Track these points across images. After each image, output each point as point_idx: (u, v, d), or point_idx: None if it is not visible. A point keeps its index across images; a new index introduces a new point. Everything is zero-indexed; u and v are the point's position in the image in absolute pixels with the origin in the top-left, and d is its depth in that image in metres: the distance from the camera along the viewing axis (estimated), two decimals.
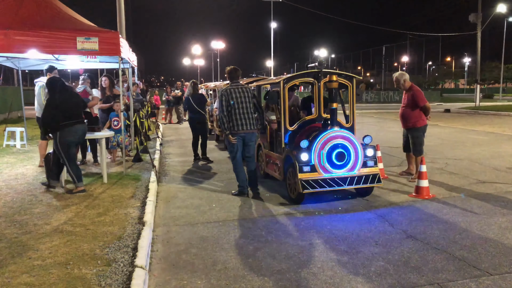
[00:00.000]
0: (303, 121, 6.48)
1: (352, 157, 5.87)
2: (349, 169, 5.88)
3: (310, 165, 5.78)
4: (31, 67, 10.89)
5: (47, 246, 4.11)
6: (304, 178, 5.69)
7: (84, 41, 6.66)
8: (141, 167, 8.26)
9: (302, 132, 6.36)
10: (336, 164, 5.83)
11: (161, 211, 5.75)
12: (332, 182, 5.79)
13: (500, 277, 3.64)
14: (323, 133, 5.84)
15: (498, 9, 33.03)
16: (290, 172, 6.00)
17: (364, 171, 5.95)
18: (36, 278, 3.44)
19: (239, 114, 6.35)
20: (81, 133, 6.36)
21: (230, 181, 7.49)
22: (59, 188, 6.37)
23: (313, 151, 5.78)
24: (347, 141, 5.87)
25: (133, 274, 3.48)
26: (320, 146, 5.79)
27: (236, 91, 6.39)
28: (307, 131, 6.32)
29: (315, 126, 6.34)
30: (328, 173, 5.82)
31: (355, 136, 6.05)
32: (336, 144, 5.82)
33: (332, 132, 5.86)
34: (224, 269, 3.89)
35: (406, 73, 7.62)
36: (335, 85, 5.93)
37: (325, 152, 5.78)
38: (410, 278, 3.66)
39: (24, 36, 6.50)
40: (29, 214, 5.12)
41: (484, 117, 21.55)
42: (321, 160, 5.80)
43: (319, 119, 6.38)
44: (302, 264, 3.97)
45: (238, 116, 6.34)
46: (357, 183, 5.87)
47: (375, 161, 6.10)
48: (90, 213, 5.19)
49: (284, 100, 6.28)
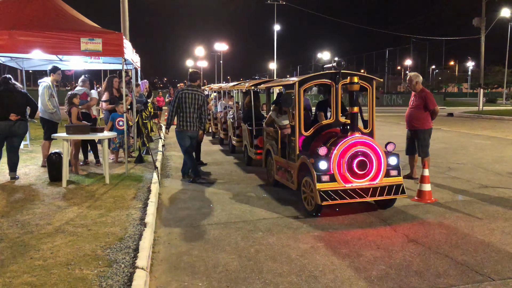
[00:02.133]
0: (319, 126, 6.08)
1: (375, 166, 5.41)
2: (371, 179, 5.41)
3: (329, 175, 5.31)
4: (34, 68, 10.93)
5: (48, 246, 4.11)
6: (323, 188, 5.24)
7: (88, 42, 6.69)
8: (143, 168, 8.27)
9: (319, 138, 5.95)
10: (357, 174, 5.34)
11: (162, 212, 5.75)
12: (353, 193, 5.33)
13: (503, 282, 3.62)
14: (344, 140, 5.37)
15: (502, 14, 32.97)
16: (306, 182, 5.58)
17: (387, 181, 5.50)
18: (37, 278, 3.44)
19: (188, 115, 7.45)
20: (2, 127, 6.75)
21: (232, 184, 7.49)
22: None
23: (333, 159, 5.32)
24: (369, 148, 5.42)
25: (134, 275, 3.48)
26: (340, 153, 5.33)
27: (190, 95, 7.45)
28: (324, 137, 5.92)
29: (332, 132, 5.96)
30: (349, 183, 5.35)
31: (377, 143, 5.55)
32: (357, 151, 5.36)
33: (353, 139, 5.39)
34: (225, 271, 3.88)
35: (420, 75, 7.58)
36: (356, 88, 5.49)
37: (345, 160, 5.33)
38: (411, 282, 3.64)
39: (28, 36, 6.53)
40: (31, 214, 5.13)
41: (487, 122, 21.50)
42: (341, 169, 5.33)
43: (337, 124, 6.01)
44: (303, 267, 3.96)
45: (188, 118, 7.45)
46: (380, 194, 5.41)
47: (399, 170, 5.62)
48: (91, 213, 5.20)
49: (299, 103, 5.91)
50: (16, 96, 6.89)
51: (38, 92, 7.98)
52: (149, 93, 12.52)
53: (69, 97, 7.47)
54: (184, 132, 7.55)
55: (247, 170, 8.76)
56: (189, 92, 7.47)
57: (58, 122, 8.12)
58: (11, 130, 6.79)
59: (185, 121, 7.49)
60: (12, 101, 6.80)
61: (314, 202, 5.34)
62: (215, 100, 15.07)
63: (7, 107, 6.74)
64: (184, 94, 7.47)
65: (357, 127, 5.58)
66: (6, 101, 6.75)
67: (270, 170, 7.26)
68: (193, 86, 7.58)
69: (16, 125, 6.80)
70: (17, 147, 7.02)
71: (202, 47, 72.78)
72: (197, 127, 7.59)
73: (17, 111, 6.81)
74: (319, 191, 5.22)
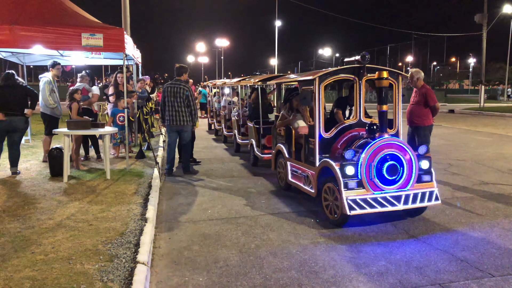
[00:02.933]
0: (341, 126, 5.55)
1: (406, 171, 4.90)
2: (401, 185, 4.90)
3: (356, 181, 4.81)
4: (36, 63, 10.92)
5: (50, 241, 4.13)
6: (351, 196, 4.72)
7: (89, 37, 6.68)
8: (144, 163, 8.28)
9: (341, 139, 5.45)
10: (387, 179, 4.83)
11: (163, 207, 5.76)
12: (384, 201, 4.80)
13: (503, 278, 3.63)
14: (373, 142, 4.85)
15: (504, 10, 32.85)
16: (329, 188, 5.04)
17: (418, 187, 5.00)
18: (38, 273, 3.45)
19: (172, 109, 7.47)
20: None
21: (233, 179, 7.50)
22: None
23: (361, 164, 4.80)
24: (400, 151, 4.90)
25: (135, 270, 3.49)
26: (369, 157, 4.81)
27: (173, 89, 7.45)
28: (347, 138, 5.42)
29: (356, 133, 5.45)
30: (378, 190, 4.83)
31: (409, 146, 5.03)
32: (387, 154, 4.84)
33: (383, 140, 4.86)
34: (225, 266, 3.90)
35: (421, 71, 7.56)
36: (385, 84, 5.01)
37: (374, 165, 4.81)
38: (411, 278, 3.65)
39: (29, 31, 6.52)
40: (33, 209, 5.14)
41: (488, 118, 21.47)
42: (369, 174, 4.81)
43: (360, 124, 5.51)
44: (304, 262, 3.97)
45: (172, 112, 7.47)
46: (412, 201, 4.91)
47: (432, 175, 5.13)
48: (93, 208, 5.21)
49: (320, 101, 5.38)
50: (17, 92, 6.90)
51: (39, 87, 7.98)
52: (152, 88, 12.53)
53: (71, 92, 7.48)
54: (169, 126, 7.62)
55: (251, 169, 8.76)
56: (172, 86, 7.52)
57: (59, 117, 8.12)
58: (12, 125, 6.80)
59: (169, 116, 7.53)
60: (14, 97, 6.82)
61: (340, 212, 4.81)
62: (218, 96, 14.57)
63: (8, 103, 6.75)
64: (167, 88, 7.55)
65: (386, 127, 5.07)
66: (8, 97, 6.76)
67: (281, 173, 6.71)
68: (178, 80, 7.58)
69: (17, 120, 6.81)
70: (18, 142, 7.03)
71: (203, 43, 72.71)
72: (184, 122, 7.53)
73: (18, 107, 6.82)
74: (347, 199, 4.69)
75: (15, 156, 7.01)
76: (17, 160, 7.05)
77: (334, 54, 76.35)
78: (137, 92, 9.91)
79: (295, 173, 6.15)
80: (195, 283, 3.58)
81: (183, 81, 7.63)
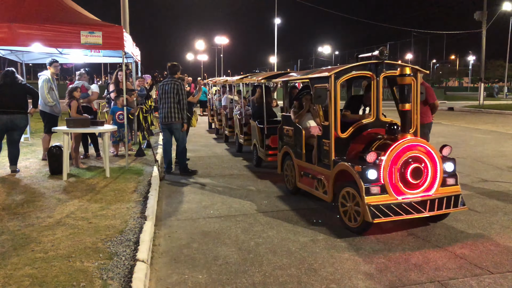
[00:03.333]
0: (358, 126, 5.20)
1: (430, 174, 4.61)
2: (425, 189, 4.61)
3: (379, 185, 4.47)
4: (34, 61, 10.91)
5: (49, 239, 4.13)
6: (374, 202, 4.39)
7: (88, 35, 6.66)
8: (144, 161, 8.28)
9: (358, 140, 5.11)
10: (410, 183, 4.53)
11: (163, 205, 5.77)
12: (409, 207, 4.49)
13: (501, 275, 3.64)
14: (396, 143, 4.52)
15: (504, 7, 32.83)
16: (348, 194, 4.68)
17: (443, 191, 4.70)
18: (38, 271, 3.46)
19: (164, 106, 7.49)
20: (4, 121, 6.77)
21: (232, 177, 7.50)
22: None
23: (383, 167, 4.47)
24: (424, 153, 4.60)
25: (134, 268, 3.50)
26: (392, 159, 4.47)
27: (165, 87, 7.46)
28: (364, 139, 5.09)
29: (374, 133, 5.12)
30: (401, 195, 4.52)
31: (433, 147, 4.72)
32: (411, 157, 4.53)
33: (407, 142, 4.54)
34: (225, 264, 3.90)
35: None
36: (408, 81, 4.64)
37: (398, 168, 4.49)
38: (410, 275, 3.66)
39: (28, 29, 6.51)
40: (32, 207, 5.14)
41: (487, 116, 21.48)
42: (393, 178, 4.49)
43: (377, 124, 5.19)
44: (303, 260, 3.98)
45: (164, 109, 7.48)
46: (438, 207, 4.60)
47: (456, 178, 4.83)
48: (92, 206, 5.21)
49: (335, 99, 5.00)
50: (17, 90, 6.89)
51: (38, 85, 7.97)
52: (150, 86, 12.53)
53: (70, 90, 7.47)
54: (161, 124, 7.67)
55: (252, 168, 8.75)
56: (165, 84, 7.54)
57: (58, 115, 8.12)
58: (14, 123, 6.80)
59: (162, 113, 7.58)
60: (14, 95, 6.81)
61: (361, 219, 4.49)
62: (219, 94, 14.11)
63: (8, 101, 6.75)
64: (161, 86, 7.60)
65: (409, 127, 4.77)
66: (8, 95, 6.76)
67: (289, 176, 6.35)
68: (171, 77, 7.57)
69: (17, 118, 6.81)
70: (17, 140, 7.03)
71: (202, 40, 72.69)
72: (174, 118, 7.47)
73: (18, 105, 6.82)
74: (370, 206, 4.37)
75: (14, 154, 7.00)
76: (17, 158, 7.05)
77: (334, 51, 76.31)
78: (136, 90, 9.90)
79: (306, 176, 5.78)
80: (194, 280, 3.59)
81: (176, 78, 7.60)
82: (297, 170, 6.00)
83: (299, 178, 5.99)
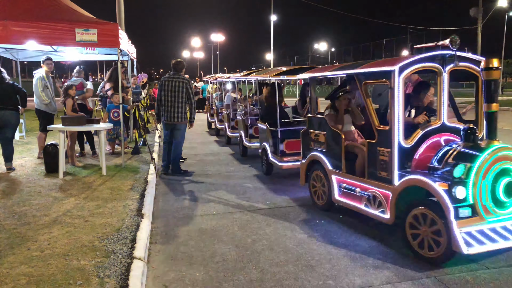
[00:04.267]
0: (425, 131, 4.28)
1: None
2: None
3: (469, 206, 3.66)
4: (29, 59, 10.83)
5: (45, 238, 4.12)
6: (465, 227, 3.56)
7: (83, 32, 6.63)
8: (140, 159, 8.26)
9: (426, 148, 4.21)
10: (501, 202, 3.73)
11: (159, 203, 5.76)
12: (506, 232, 3.66)
13: (497, 271, 3.66)
14: (486, 153, 3.68)
15: (499, 4, 32.92)
16: (424, 216, 3.80)
17: None
18: (34, 269, 3.45)
19: (167, 104, 7.16)
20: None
21: (228, 174, 7.50)
22: None
23: (473, 183, 3.66)
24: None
25: (131, 266, 3.49)
26: (482, 173, 3.68)
27: (172, 83, 7.12)
28: (433, 147, 4.19)
29: (438, 138, 4.26)
30: (490, 216, 3.69)
31: None
32: (504, 169, 3.73)
33: (499, 150, 3.74)
34: (222, 261, 3.91)
35: None
36: (496, 75, 3.82)
37: (488, 183, 3.70)
38: (407, 271, 3.67)
39: (22, 27, 6.46)
40: (28, 206, 5.12)
41: None
42: (483, 196, 3.69)
43: (443, 129, 4.30)
44: (300, 256, 3.98)
45: (167, 108, 7.16)
46: None
47: None
48: (89, 205, 5.20)
49: (399, 98, 4.10)
50: (5, 87, 6.91)
51: (33, 83, 7.93)
52: (143, 85, 12.49)
53: (65, 88, 7.44)
54: (164, 123, 7.36)
55: (251, 168, 8.74)
56: (170, 80, 7.16)
57: (53, 114, 8.08)
58: (4, 119, 6.80)
59: (164, 111, 7.22)
60: (3, 91, 6.85)
61: (444, 247, 3.64)
62: (220, 93, 13.15)
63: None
64: (165, 82, 7.19)
65: (495, 133, 3.89)
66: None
67: (318, 189, 5.45)
68: (177, 74, 7.26)
69: (7, 114, 6.82)
70: (11, 138, 7.00)
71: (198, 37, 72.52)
72: (180, 119, 7.17)
73: (7, 102, 6.87)
74: (460, 232, 3.53)
75: (9, 152, 6.97)
76: (11, 156, 7.02)
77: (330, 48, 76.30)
78: (132, 87, 9.88)
79: (349, 191, 4.85)
80: (191, 278, 3.59)
81: (183, 75, 7.33)
82: (334, 183, 5.13)
83: (337, 193, 5.11)
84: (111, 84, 9.23)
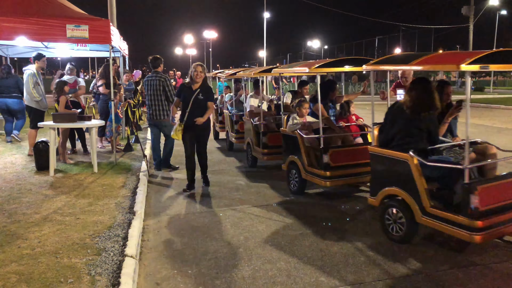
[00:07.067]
0: None
1: None
2: None
3: None
4: (20, 55, 10.73)
5: (36, 235, 4.08)
6: None
7: (74, 28, 6.56)
8: (132, 156, 8.22)
9: None
10: None
11: (151, 200, 5.73)
12: None
13: (486, 267, 3.70)
14: None
15: (491, 2, 33.17)
16: None
17: None
18: (25, 267, 3.42)
19: (150, 103, 7.25)
20: None
21: (221, 172, 7.48)
22: None
23: None
24: None
25: (123, 263, 3.48)
26: None
27: (150, 82, 7.20)
28: None
29: None
30: None
31: None
32: None
33: None
34: (214, 258, 3.90)
35: None
36: None
37: None
38: (398, 268, 3.70)
39: (12, 23, 6.39)
40: (18, 203, 5.08)
41: (474, 110, 21.71)
42: None
43: None
44: (293, 253, 3.99)
45: (151, 106, 7.23)
46: None
47: None
48: (80, 202, 5.16)
49: None
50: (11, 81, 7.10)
51: (23, 80, 7.86)
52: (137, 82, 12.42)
53: (60, 85, 7.36)
54: (150, 121, 7.43)
55: (251, 168, 8.71)
56: (149, 79, 7.24)
57: (44, 110, 8.01)
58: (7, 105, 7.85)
59: (150, 110, 7.32)
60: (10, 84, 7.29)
61: None
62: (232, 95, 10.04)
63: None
64: (146, 82, 7.32)
65: None
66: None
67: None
68: (155, 72, 7.29)
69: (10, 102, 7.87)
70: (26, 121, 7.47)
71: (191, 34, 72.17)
72: (162, 116, 7.19)
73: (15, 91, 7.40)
74: None
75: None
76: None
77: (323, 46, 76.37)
78: (124, 84, 9.81)
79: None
80: (184, 275, 3.58)
81: (159, 72, 7.33)
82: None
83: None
84: (103, 80, 9.16)
